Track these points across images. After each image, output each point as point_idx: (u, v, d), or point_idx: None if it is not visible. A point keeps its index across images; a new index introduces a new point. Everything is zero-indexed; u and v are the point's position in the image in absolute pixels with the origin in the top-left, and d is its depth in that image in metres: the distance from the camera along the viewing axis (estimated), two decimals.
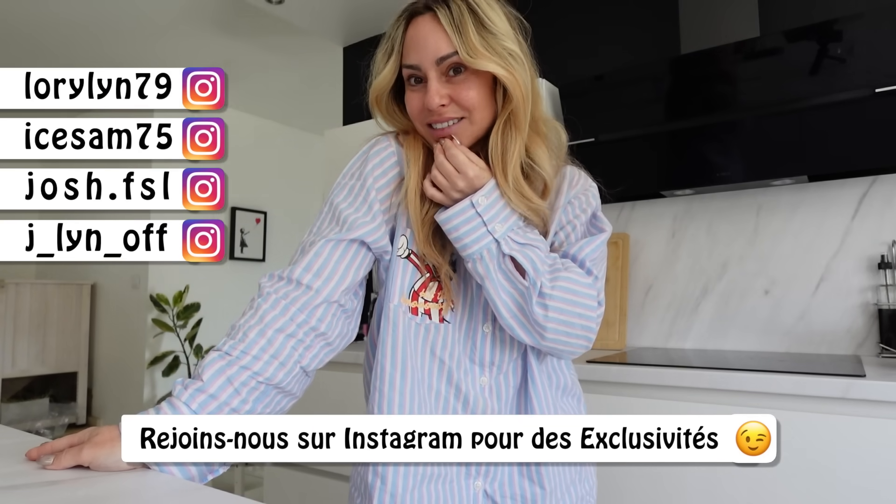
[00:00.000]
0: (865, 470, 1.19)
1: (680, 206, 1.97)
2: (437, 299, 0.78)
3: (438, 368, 0.79)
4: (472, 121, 0.77)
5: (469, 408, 0.79)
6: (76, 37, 3.22)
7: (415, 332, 0.78)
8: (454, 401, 0.79)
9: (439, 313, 0.79)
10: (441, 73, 0.74)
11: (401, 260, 0.79)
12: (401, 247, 0.79)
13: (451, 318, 0.79)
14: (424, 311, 0.78)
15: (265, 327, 0.69)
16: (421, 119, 0.78)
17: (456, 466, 0.78)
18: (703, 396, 1.38)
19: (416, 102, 0.77)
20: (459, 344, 0.80)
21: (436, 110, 0.75)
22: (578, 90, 1.90)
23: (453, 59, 0.74)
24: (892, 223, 1.64)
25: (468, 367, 0.80)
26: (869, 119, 1.48)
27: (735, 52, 1.63)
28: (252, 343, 0.68)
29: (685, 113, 1.72)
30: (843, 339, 1.68)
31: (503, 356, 0.81)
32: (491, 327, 0.80)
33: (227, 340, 0.69)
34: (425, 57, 0.74)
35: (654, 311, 1.99)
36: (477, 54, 0.73)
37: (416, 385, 0.77)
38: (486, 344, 0.80)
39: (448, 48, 0.73)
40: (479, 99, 0.76)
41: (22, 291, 4.15)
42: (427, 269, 0.79)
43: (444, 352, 0.79)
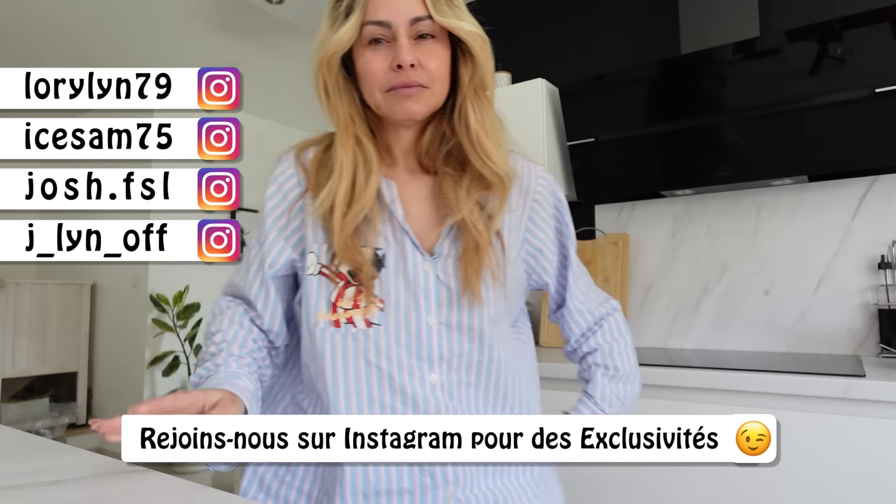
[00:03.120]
0: (865, 470, 1.19)
1: (680, 206, 1.97)
2: (357, 305, 0.74)
3: (377, 377, 0.73)
4: (433, 92, 0.74)
5: (420, 410, 0.72)
6: (76, 36, 3.22)
7: (342, 346, 0.74)
8: (402, 407, 0.72)
9: (364, 318, 0.74)
10: (410, 35, 0.72)
11: (313, 278, 0.76)
12: (310, 265, 0.76)
13: (380, 318, 0.74)
14: (346, 320, 0.74)
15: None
16: (383, 83, 0.73)
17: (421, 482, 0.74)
18: (703, 396, 1.38)
19: (380, 64, 0.72)
20: (398, 343, 0.74)
21: (407, 70, 0.71)
22: (578, 90, 1.90)
23: (426, 22, 0.72)
24: (892, 223, 1.64)
25: (413, 367, 0.73)
26: (869, 119, 1.48)
27: (735, 52, 1.63)
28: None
29: (685, 113, 1.72)
30: (843, 339, 1.68)
31: (458, 348, 0.75)
32: (437, 318, 0.74)
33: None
34: (398, 15, 0.71)
35: (654, 311, 1.99)
36: (450, 17, 0.73)
37: (355, 400, 0.73)
38: (433, 337, 0.74)
39: (422, 10, 0.71)
40: (443, 70, 0.75)
41: (22, 291, 4.15)
42: (340, 277, 0.75)
43: (379, 357, 0.73)
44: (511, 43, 2.36)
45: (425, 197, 0.79)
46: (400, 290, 0.75)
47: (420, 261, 0.75)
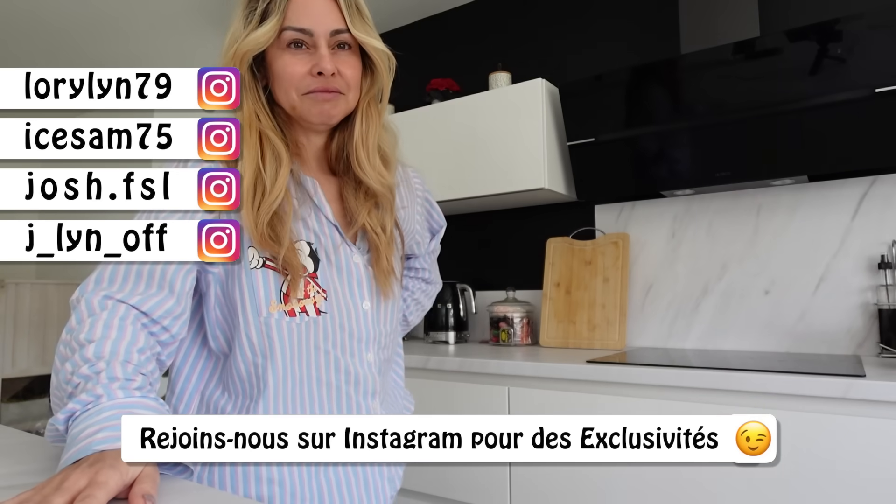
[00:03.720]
0: (865, 470, 1.19)
1: (680, 206, 1.97)
2: (308, 294, 0.78)
3: (325, 360, 0.79)
4: (347, 99, 0.80)
5: (360, 389, 0.81)
6: (74, 36, 3.22)
7: (298, 334, 0.78)
8: (346, 386, 0.80)
9: (314, 306, 0.79)
10: (329, 45, 0.77)
11: (257, 271, 0.78)
12: (252, 258, 0.78)
13: (326, 307, 0.79)
14: (301, 309, 0.78)
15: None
16: (302, 86, 0.78)
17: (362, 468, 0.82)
18: (703, 396, 1.38)
19: (299, 67, 0.77)
20: (342, 329, 0.80)
21: (327, 77, 0.77)
22: (578, 90, 1.90)
23: (345, 35, 0.78)
24: (892, 223, 1.64)
25: (353, 349, 0.81)
26: (869, 119, 1.48)
27: (735, 52, 1.63)
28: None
29: (685, 113, 1.72)
30: (843, 339, 1.68)
31: (383, 328, 0.86)
32: (370, 303, 0.83)
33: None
34: (320, 24, 0.76)
35: (654, 311, 1.99)
36: (365, 33, 0.79)
37: (306, 385, 0.78)
38: (369, 321, 0.83)
39: (341, 23, 0.77)
40: (357, 79, 0.81)
41: (22, 291, 4.15)
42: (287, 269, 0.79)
43: (327, 342, 0.79)
44: (511, 43, 2.36)
45: (334, 196, 0.86)
46: (335, 280, 0.81)
47: (349, 253, 0.83)
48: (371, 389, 0.83)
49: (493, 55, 2.36)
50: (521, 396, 1.63)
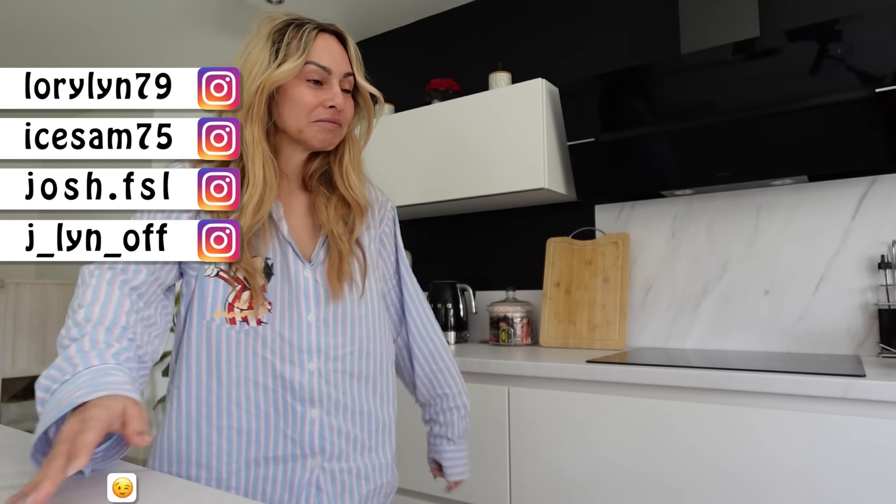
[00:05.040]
0: (865, 470, 1.19)
1: (680, 206, 1.97)
2: (251, 306, 0.87)
3: (262, 365, 0.87)
4: (342, 131, 0.94)
5: (297, 395, 0.88)
6: (75, 36, 3.22)
7: (236, 340, 0.87)
8: (282, 391, 0.87)
9: (256, 317, 0.87)
10: (341, 85, 0.92)
11: (210, 279, 0.87)
12: (209, 267, 0.88)
13: (268, 318, 0.88)
14: (242, 318, 0.87)
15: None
16: (313, 114, 0.90)
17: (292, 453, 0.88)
18: (703, 396, 1.38)
19: (315, 98, 0.90)
20: (282, 338, 0.88)
21: (336, 112, 0.91)
22: (578, 90, 1.90)
23: (350, 79, 0.94)
24: (892, 223, 1.64)
25: (294, 358, 0.88)
26: (869, 119, 1.48)
27: (735, 52, 1.63)
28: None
29: (685, 113, 1.72)
30: (843, 339, 1.68)
31: (333, 340, 0.91)
32: (315, 315, 0.90)
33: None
34: (336, 65, 0.91)
35: (654, 311, 1.99)
36: (364, 80, 0.96)
37: (242, 385, 0.87)
38: (312, 332, 0.90)
39: (349, 67, 0.93)
40: (351, 116, 0.95)
41: (22, 291, 4.15)
42: (238, 282, 0.88)
43: (265, 349, 0.87)
44: (511, 43, 2.36)
45: (303, 210, 0.96)
46: (284, 294, 0.89)
47: (301, 268, 0.91)
48: (309, 397, 0.89)
49: (493, 55, 2.36)
50: (521, 396, 1.63)
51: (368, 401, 0.96)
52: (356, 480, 0.93)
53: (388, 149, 2.26)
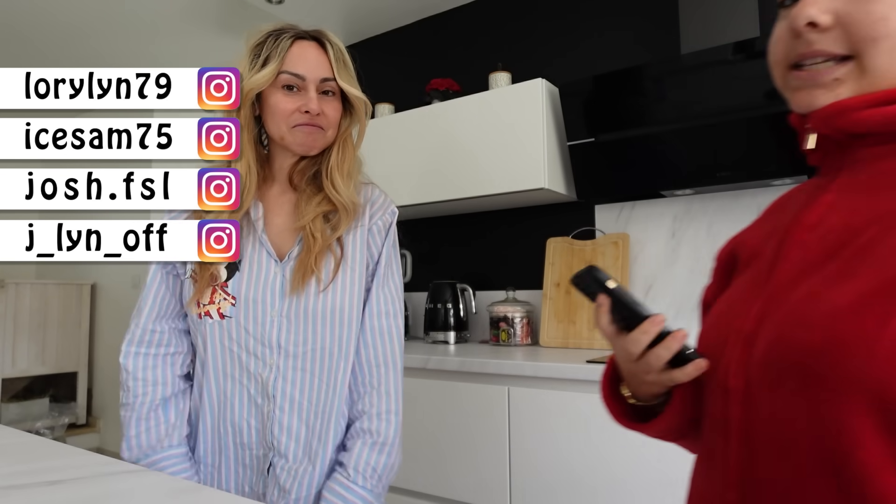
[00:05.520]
0: None
1: (680, 206, 1.97)
2: (213, 301, 0.92)
3: (230, 358, 0.93)
4: (325, 135, 0.96)
5: (260, 389, 0.93)
6: (75, 36, 3.22)
7: (210, 333, 0.93)
8: (248, 383, 0.93)
9: (218, 311, 0.92)
10: (318, 90, 0.94)
11: (186, 280, 0.95)
12: (187, 269, 0.95)
13: (232, 312, 0.93)
14: (205, 312, 0.93)
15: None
16: (291, 120, 0.93)
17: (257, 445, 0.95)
18: None
19: (291, 105, 0.93)
20: (247, 332, 0.92)
21: (313, 115, 0.93)
22: (578, 90, 1.90)
23: (331, 83, 0.95)
24: None
25: (258, 352, 0.93)
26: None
27: (735, 52, 1.63)
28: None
29: (685, 112, 1.72)
30: None
31: (294, 337, 0.94)
32: (279, 311, 0.93)
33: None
34: (311, 72, 0.93)
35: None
36: (348, 83, 0.97)
37: (220, 376, 0.94)
38: (274, 328, 0.93)
39: (329, 72, 0.95)
40: (336, 119, 0.97)
41: (22, 291, 4.15)
42: (194, 279, 0.94)
43: (231, 342, 0.93)
44: (511, 43, 2.36)
45: (289, 210, 0.99)
46: (250, 289, 0.93)
47: (272, 265, 0.94)
48: (271, 392, 0.92)
49: (493, 55, 2.36)
50: (521, 396, 1.63)
51: (324, 401, 0.95)
52: (307, 479, 0.95)
53: (387, 149, 2.26)
